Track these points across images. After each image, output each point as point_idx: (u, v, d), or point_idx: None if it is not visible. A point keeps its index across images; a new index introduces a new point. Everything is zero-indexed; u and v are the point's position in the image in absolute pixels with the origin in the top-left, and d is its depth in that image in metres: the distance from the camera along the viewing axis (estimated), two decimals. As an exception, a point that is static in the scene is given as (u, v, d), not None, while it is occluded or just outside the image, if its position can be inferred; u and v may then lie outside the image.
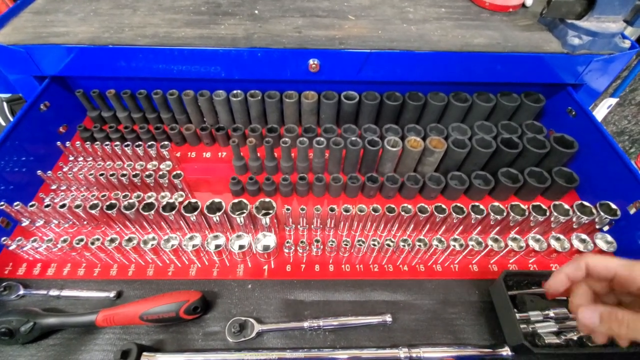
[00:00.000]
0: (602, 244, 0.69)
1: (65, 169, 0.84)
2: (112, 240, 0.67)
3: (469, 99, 0.87)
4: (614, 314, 0.42)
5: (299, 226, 0.75)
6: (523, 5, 0.94)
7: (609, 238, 0.70)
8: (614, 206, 0.70)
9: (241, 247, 0.69)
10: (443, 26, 0.86)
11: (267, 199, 0.71)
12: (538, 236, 0.70)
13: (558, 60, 0.81)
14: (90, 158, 0.86)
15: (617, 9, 0.75)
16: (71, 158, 0.87)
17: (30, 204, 0.69)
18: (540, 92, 0.90)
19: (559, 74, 0.83)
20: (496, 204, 0.71)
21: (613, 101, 1.45)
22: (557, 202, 0.71)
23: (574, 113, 0.85)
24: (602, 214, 0.70)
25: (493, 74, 0.83)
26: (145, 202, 0.70)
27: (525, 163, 0.80)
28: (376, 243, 0.69)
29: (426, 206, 0.70)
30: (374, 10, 0.91)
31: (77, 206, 0.68)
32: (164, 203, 0.69)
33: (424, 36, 0.82)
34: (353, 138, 0.79)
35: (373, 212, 0.69)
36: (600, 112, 1.50)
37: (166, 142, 0.86)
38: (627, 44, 0.80)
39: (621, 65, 0.83)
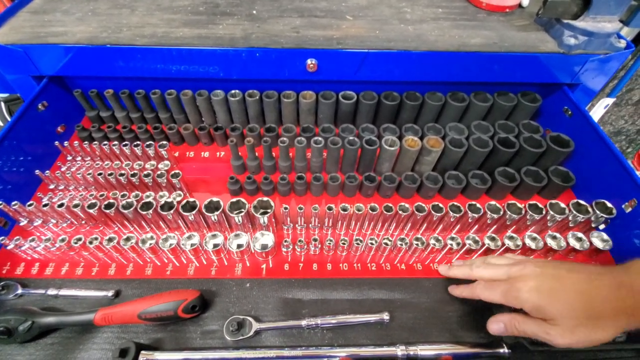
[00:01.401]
0: (598, 242, 0.70)
1: (63, 169, 0.84)
2: (110, 240, 0.67)
3: (466, 98, 0.87)
4: (511, 321, 0.53)
5: (297, 225, 0.75)
6: (519, 5, 0.95)
7: (605, 236, 0.70)
8: (609, 205, 0.71)
9: (239, 246, 0.69)
10: (440, 26, 0.86)
11: (265, 198, 0.71)
12: (534, 235, 0.71)
13: (554, 60, 0.81)
14: (89, 158, 0.86)
15: (612, 8, 0.76)
16: (69, 158, 0.87)
17: (29, 203, 0.69)
18: (537, 91, 0.90)
19: (555, 74, 0.84)
20: (493, 202, 0.71)
21: (610, 101, 1.46)
22: (553, 201, 0.72)
23: (570, 113, 0.86)
24: (598, 212, 0.70)
25: (490, 74, 0.83)
26: (143, 201, 0.70)
27: (521, 162, 0.81)
28: (374, 242, 0.69)
29: (423, 205, 0.70)
30: (371, 11, 0.91)
31: (75, 205, 0.68)
32: (162, 202, 0.70)
33: (421, 36, 0.83)
34: (351, 137, 0.79)
35: (371, 211, 0.69)
36: (597, 112, 1.51)
37: (164, 142, 0.86)
38: (622, 43, 0.80)
39: (617, 65, 0.83)
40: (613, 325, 0.46)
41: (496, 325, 0.56)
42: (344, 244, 0.69)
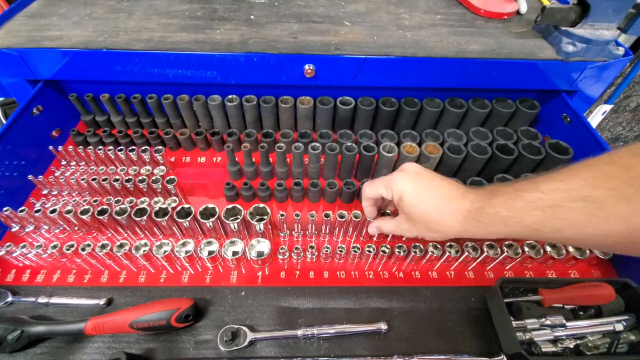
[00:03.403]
0: (598, 252, 0.69)
1: (57, 174, 0.83)
2: (103, 246, 0.66)
3: (464, 105, 0.87)
4: (378, 223, 0.66)
5: (293, 232, 0.74)
6: (517, 12, 0.95)
7: (605, 245, 0.69)
8: (609, 213, 0.70)
9: (235, 253, 0.68)
10: (438, 33, 0.86)
11: (262, 205, 0.70)
12: (534, 243, 0.70)
13: (552, 67, 0.81)
14: (83, 163, 0.85)
15: (611, 16, 0.76)
16: (63, 162, 0.86)
17: (20, 209, 0.68)
18: (535, 98, 0.90)
19: (554, 81, 0.84)
20: (492, 210, 0.70)
21: (607, 108, 1.47)
22: (552, 209, 0.71)
23: (568, 119, 0.86)
24: (597, 220, 0.69)
25: (488, 80, 0.83)
26: (137, 207, 0.69)
27: (520, 169, 0.80)
28: (371, 249, 0.68)
29: (422, 212, 0.69)
30: (369, 17, 0.91)
31: (68, 211, 0.67)
32: (157, 209, 0.69)
33: (420, 42, 0.82)
34: (349, 143, 0.79)
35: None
36: (594, 118, 1.51)
37: (160, 147, 0.85)
38: (620, 51, 0.80)
39: (615, 72, 0.83)
40: (447, 226, 0.54)
41: (371, 228, 0.68)
42: (341, 251, 0.68)
